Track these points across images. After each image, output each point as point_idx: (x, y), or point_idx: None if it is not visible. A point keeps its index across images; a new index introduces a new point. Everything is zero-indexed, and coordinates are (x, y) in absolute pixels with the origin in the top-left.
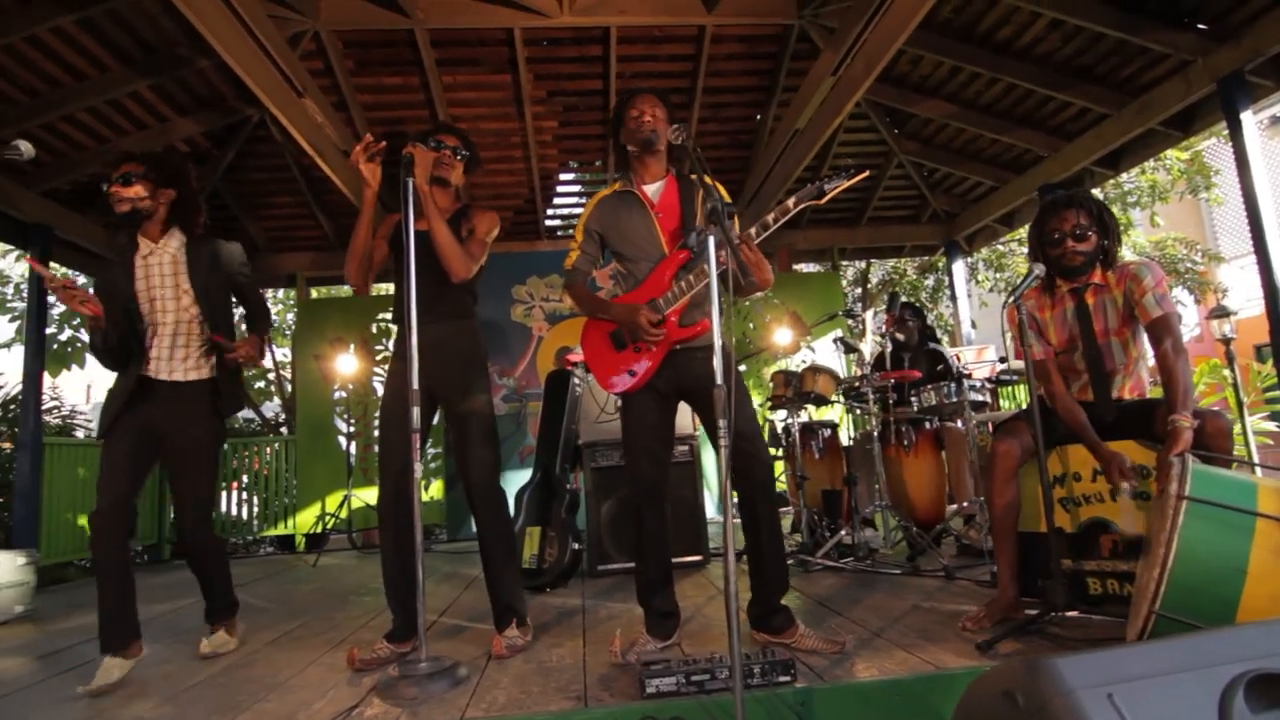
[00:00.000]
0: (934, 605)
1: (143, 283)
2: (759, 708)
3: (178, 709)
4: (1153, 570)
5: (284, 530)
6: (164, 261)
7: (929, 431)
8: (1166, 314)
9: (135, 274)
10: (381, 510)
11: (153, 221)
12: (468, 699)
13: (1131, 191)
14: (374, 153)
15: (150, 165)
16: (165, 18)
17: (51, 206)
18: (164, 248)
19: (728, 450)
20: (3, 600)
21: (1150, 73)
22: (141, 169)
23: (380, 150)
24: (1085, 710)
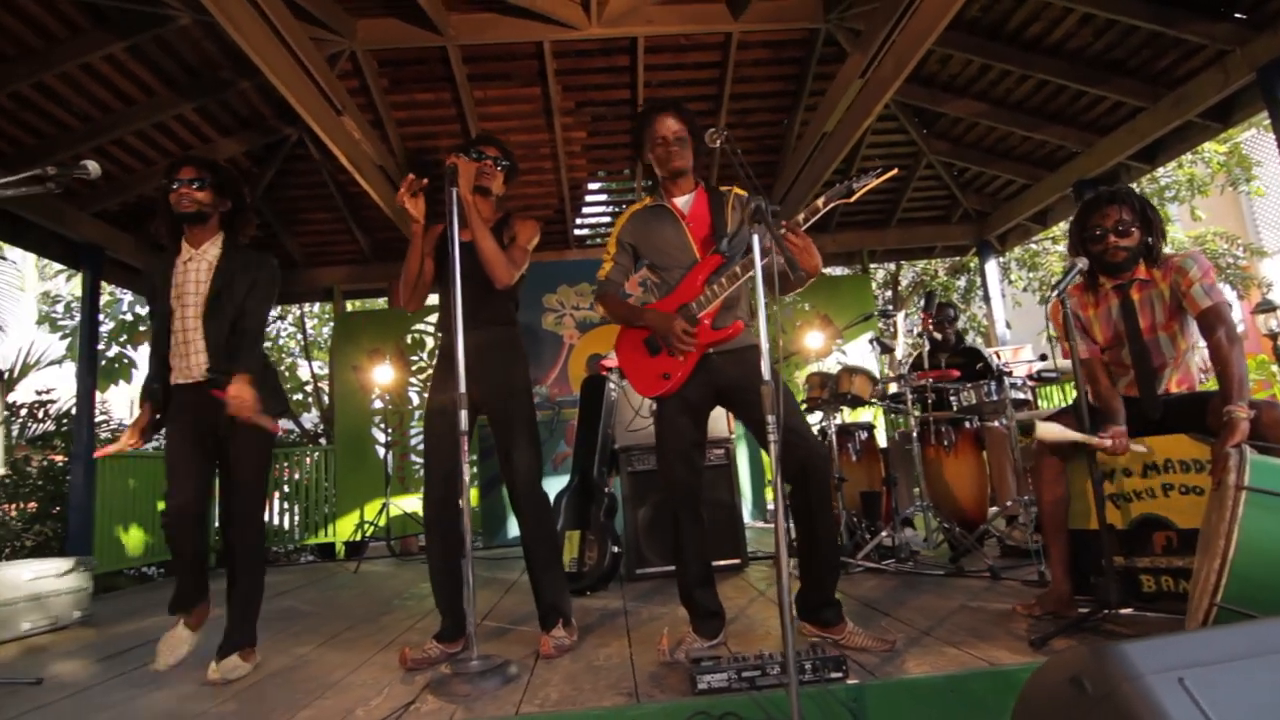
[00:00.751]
0: (981, 605)
1: (178, 289)
2: (811, 704)
3: (241, 705)
4: (1213, 562)
5: (324, 539)
6: (201, 267)
7: (969, 431)
8: (1216, 304)
9: (177, 278)
10: (428, 513)
11: (204, 227)
12: (520, 695)
13: (1169, 186)
14: (416, 189)
15: (216, 174)
16: (208, 41)
17: (102, 227)
18: (203, 254)
19: (778, 446)
20: (63, 605)
21: (1186, 64)
22: (209, 176)
23: (423, 186)
24: (1156, 695)
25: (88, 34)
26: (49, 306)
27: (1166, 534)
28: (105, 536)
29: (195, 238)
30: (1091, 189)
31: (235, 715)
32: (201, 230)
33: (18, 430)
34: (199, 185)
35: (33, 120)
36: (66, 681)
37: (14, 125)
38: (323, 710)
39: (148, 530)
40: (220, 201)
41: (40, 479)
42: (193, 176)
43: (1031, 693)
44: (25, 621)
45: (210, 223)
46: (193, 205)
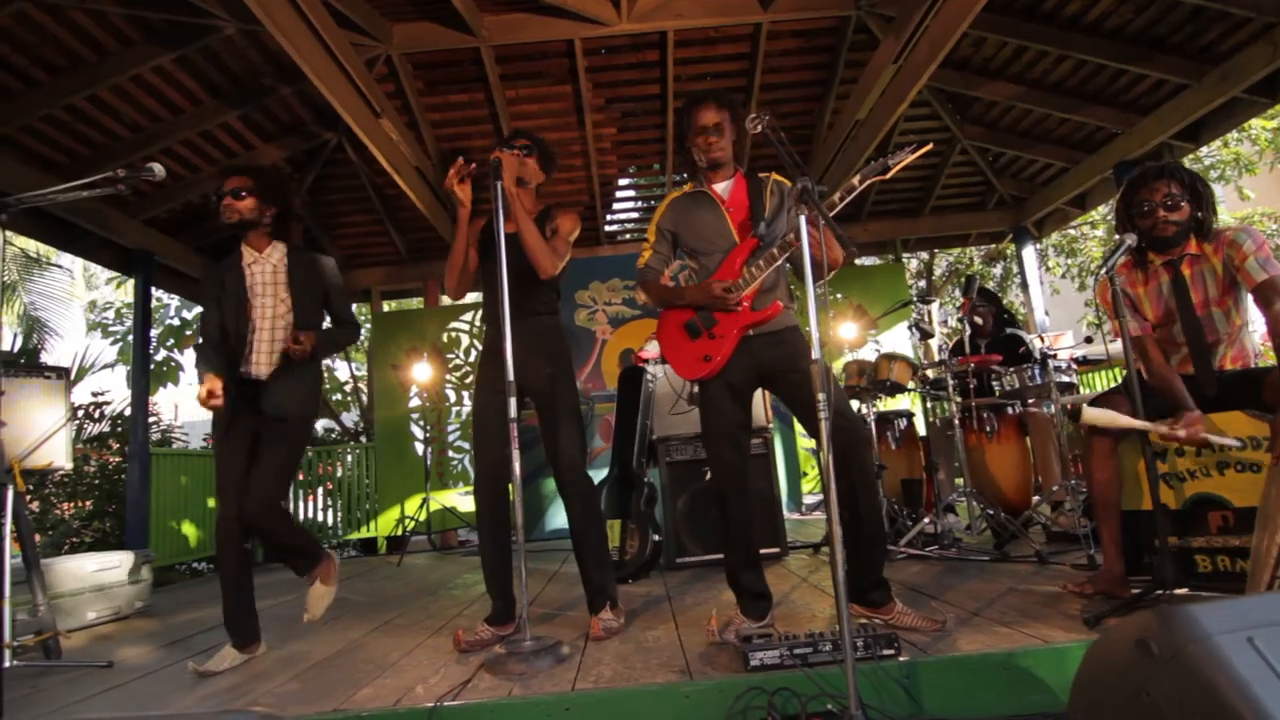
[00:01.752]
0: (1030, 588)
1: (247, 292)
2: (864, 680)
3: (303, 685)
4: (1275, 535)
5: (366, 534)
6: (266, 270)
7: (1012, 417)
8: (1273, 277)
9: (245, 280)
10: (479, 499)
11: (257, 233)
12: (574, 673)
13: (1214, 165)
14: (465, 174)
15: (259, 181)
16: (252, 50)
17: (152, 233)
18: (267, 258)
19: (828, 423)
20: (125, 596)
21: (1231, 39)
22: (252, 184)
23: (471, 172)
24: (1225, 654)
25: (137, 46)
26: (97, 314)
27: (1222, 513)
28: (160, 531)
29: (254, 242)
30: (1133, 170)
31: (298, 694)
32: (256, 236)
33: (75, 431)
34: (242, 195)
35: (86, 131)
36: (135, 665)
37: (69, 136)
38: (383, 688)
39: (200, 526)
40: (265, 208)
41: (97, 477)
42: (235, 187)
43: (1095, 657)
44: (91, 611)
45: (261, 228)
46: (236, 215)
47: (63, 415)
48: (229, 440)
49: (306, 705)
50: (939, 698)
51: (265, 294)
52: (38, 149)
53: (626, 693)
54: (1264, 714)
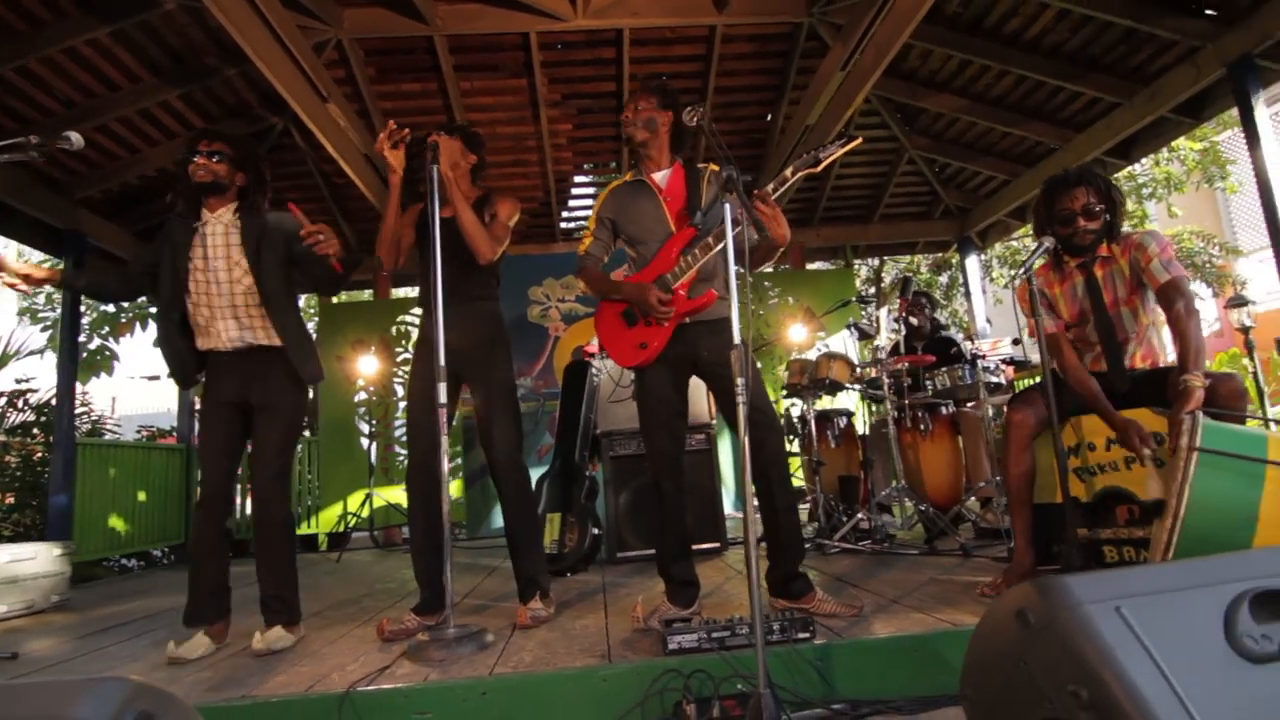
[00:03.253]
0: (951, 578)
1: (198, 250)
2: (779, 663)
3: (215, 673)
4: (1165, 521)
5: (307, 530)
6: (217, 232)
7: (945, 416)
8: (1175, 278)
9: (194, 243)
10: (411, 486)
11: (221, 198)
12: (495, 659)
13: (1146, 184)
14: (397, 140)
15: (234, 147)
16: (194, 28)
17: (85, 215)
18: (219, 218)
19: (745, 406)
20: (40, 589)
21: (1159, 60)
22: (228, 149)
23: (404, 137)
24: (1094, 622)
25: (72, 18)
26: (28, 299)
27: (1129, 506)
28: (85, 526)
29: (212, 206)
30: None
31: (208, 681)
32: (218, 200)
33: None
34: (218, 158)
35: (16, 105)
36: (42, 657)
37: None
38: (297, 676)
39: (129, 520)
40: (236, 174)
41: (19, 469)
42: (211, 149)
43: (981, 631)
44: (1, 604)
45: (227, 194)
46: (208, 175)
47: None
48: (210, 420)
49: (215, 693)
50: (851, 679)
51: (218, 258)
52: None
53: (544, 677)
54: (1125, 677)
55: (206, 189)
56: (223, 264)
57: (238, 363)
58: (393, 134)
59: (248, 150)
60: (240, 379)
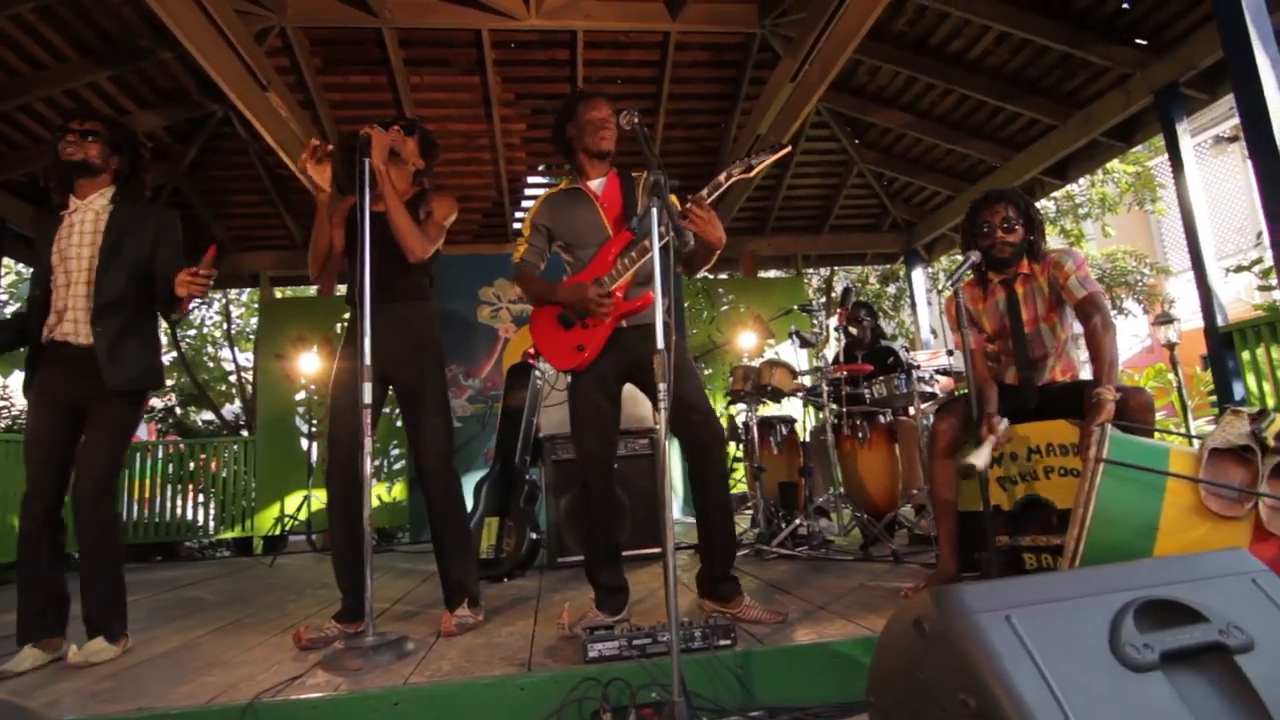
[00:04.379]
0: (879, 584)
1: (63, 241)
2: (699, 670)
3: (117, 683)
4: (1073, 529)
5: (241, 533)
6: (86, 219)
7: (883, 425)
8: (1091, 293)
9: (59, 232)
10: (331, 490)
11: (93, 181)
12: (412, 668)
13: (1082, 204)
14: (321, 155)
15: (109, 129)
16: (126, 8)
17: (5, 198)
18: (89, 205)
19: (666, 411)
20: None
21: (1093, 85)
22: (103, 130)
23: (328, 153)
24: (984, 631)
25: None
26: None
27: (1047, 514)
28: None
29: (82, 191)
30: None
31: (108, 692)
32: (89, 184)
33: None
34: (91, 137)
35: None
36: None
37: None
38: (204, 686)
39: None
40: (111, 158)
41: None
42: (85, 128)
43: (884, 640)
44: None
45: (100, 177)
46: (79, 153)
47: None
48: (36, 416)
49: (113, 704)
50: (771, 687)
51: (82, 244)
52: None
53: (459, 686)
54: (1010, 686)
55: (76, 168)
56: (87, 251)
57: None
58: (316, 150)
59: (125, 134)
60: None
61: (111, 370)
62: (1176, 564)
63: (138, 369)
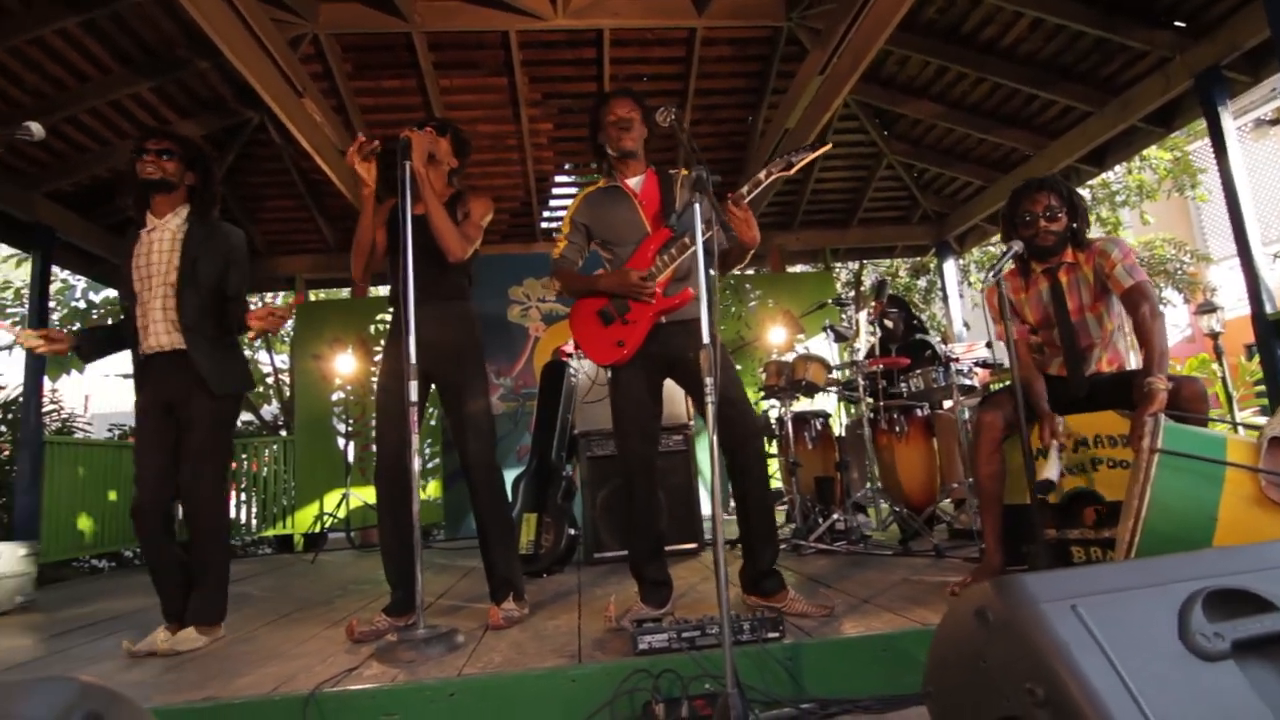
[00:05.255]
0: (922, 578)
1: (142, 258)
2: (749, 662)
3: (180, 675)
4: (1128, 522)
5: (282, 530)
6: (164, 237)
7: (920, 418)
8: (1139, 282)
9: (137, 249)
10: (380, 486)
11: (169, 198)
12: (464, 660)
13: (1119, 191)
14: (368, 152)
15: (184, 147)
16: (166, 20)
17: (55, 208)
18: (166, 224)
19: (714, 406)
20: (4, 590)
21: (1130, 70)
22: (177, 149)
23: (374, 149)
24: (1050, 620)
25: (40, 7)
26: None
27: (1096, 507)
28: (53, 526)
29: (159, 208)
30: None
31: (171, 683)
32: (165, 200)
33: None
34: (167, 156)
35: None
36: (3, 659)
37: None
38: (263, 677)
39: (97, 520)
40: (186, 174)
41: None
42: (161, 147)
43: (943, 628)
44: None
45: (175, 194)
46: (157, 172)
47: None
48: (142, 421)
49: (176, 694)
50: (820, 679)
51: (160, 261)
52: None
53: (512, 677)
54: (1080, 674)
55: (154, 187)
56: (164, 268)
57: (165, 364)
58: (363, 146)
59: (198, 151)
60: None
61: (212, 376)
62: (1242, 553)
63: (232, 374)
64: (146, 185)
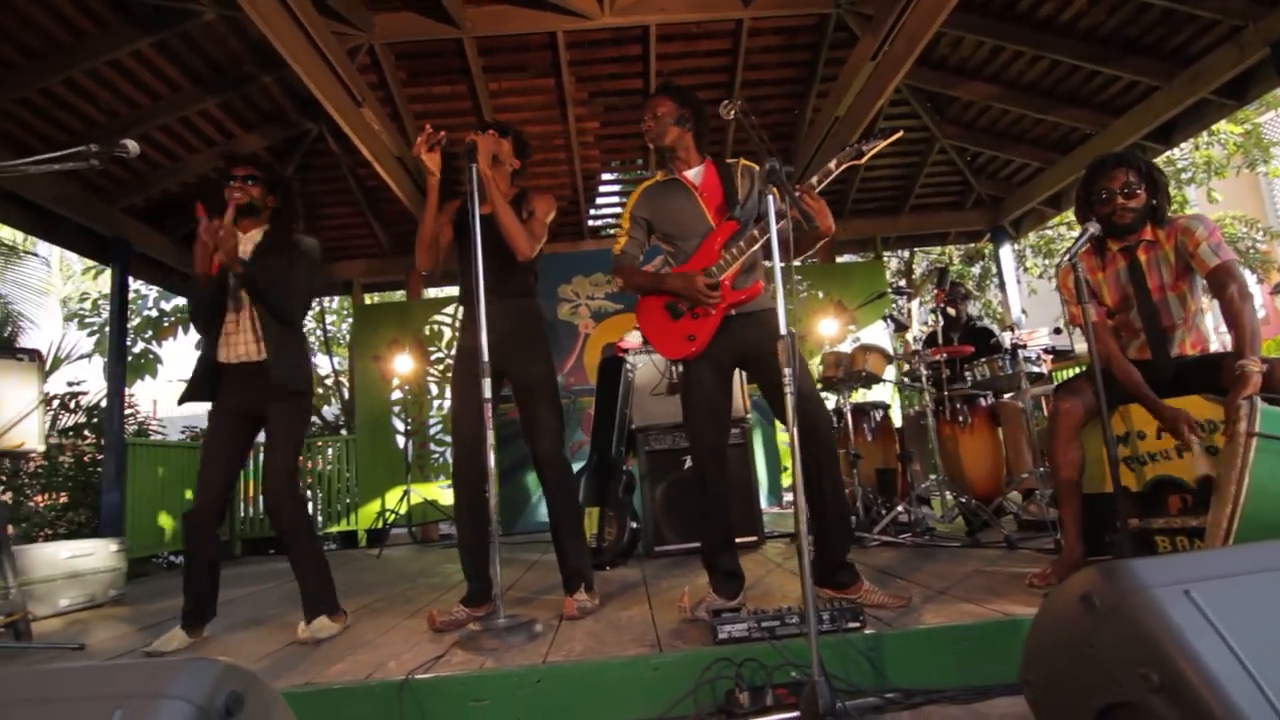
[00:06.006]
0: (997, 569)
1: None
2: (829, 652)
3: (274, 662)
4: (1224, 508)
5: (346, 527)
6: (246, 252)
7: (984, 408)
8: (1225, 261)
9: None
10: (457, 482)
11: (254, 220)
12: (546, 648)
13: (1186, 168)
14: (434, 142)
15: (267, 173)
16: (233, 37)
17: (130, 222)
18: (249, 240)
19: (794, 396)
20: (99, 583)
21: (1200, 41)
22: (261, 174)
23: (440, 140)
24: (1162, 605)
25: (115, 30)
26: (76, 304)
27: (1182, 495)
28: (136, 523)
29: (246, 229)
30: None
31: (268, 670)
32: (251, 222)
33: (49, 421)
34: (251, 181)
35: (62, 117)
36: (108, 648)
37: (45, 121)
38: (356, 664)
39: (175, 518)
40: (268, 197)
41: (72, 469)
42: (246, 173)
43: (1043, 617)
44: (64, 598)
45: (260, 216)
46: (244, 197)
47: (35, 398)
48: (213, 428)
49: (275, 680)
50: (902, 668)
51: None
52: (13, 133)
53: (596, 665)
54: (1199, 660)
55: (241, 210)
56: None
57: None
58: (429, 137)
59: (278, 175)
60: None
61: (279, 374)
62: None
63: (297, 371)
64: (235, 210)
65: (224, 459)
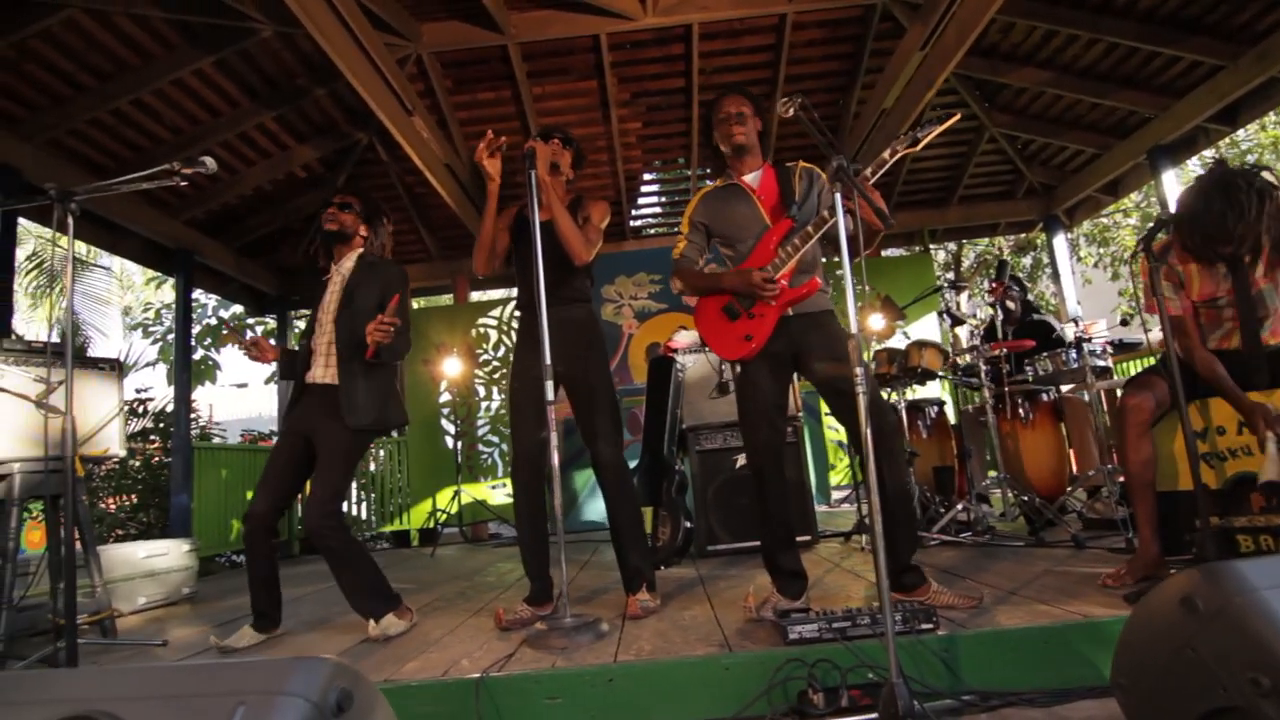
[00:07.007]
0: (1066, 569)
1: (323, 299)
2: (903, 653)
3: (350, 659)
4: None
5: (399, 526)
6: (337, 280)
7: (1046, 403)
8: None
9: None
10: (517, 483)
11: (347, 246)
12: (615, 648)
13: (1250, 150)
14: (495, 148)
15: (361, 202)
16: (286, 52)
17: (191, 233)
18: (340, 267)
19: (866, 396)
20: (173, 582)
21: (1268, 17)
22: (354, 203)
23: (501, 146)
24: (1271, 607)
25: (179, 50)
26: (136, 316)
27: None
28: (202, 523)
29: (339, 255)
30: (1168, 155)
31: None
32: (345, 248)
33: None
34: (345, 209)
35: (129, 134)
36: (189, 644)
37: (113, 139)
38: (429, 662)
39: (239, 518)
40: (360, 225)
41: (141, 471)
42: (342, 202)
43: (1138, 619)
44: (141, 595)
45: (353, 242)
46: (335, 224)
47: (116, 405)
48: (280, 440)
49: None
50: (978, 671)
51: (331, 301)
52: (84, 152)
53: (668, 664)
54: None
55: (334, 237)
56: (334, 306)
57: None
58: (490, 143)
59: (372, 205)
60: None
61: (347, 408)
62: None
63: (366, 411)
64: (327, 236)
65: (283, 475)
